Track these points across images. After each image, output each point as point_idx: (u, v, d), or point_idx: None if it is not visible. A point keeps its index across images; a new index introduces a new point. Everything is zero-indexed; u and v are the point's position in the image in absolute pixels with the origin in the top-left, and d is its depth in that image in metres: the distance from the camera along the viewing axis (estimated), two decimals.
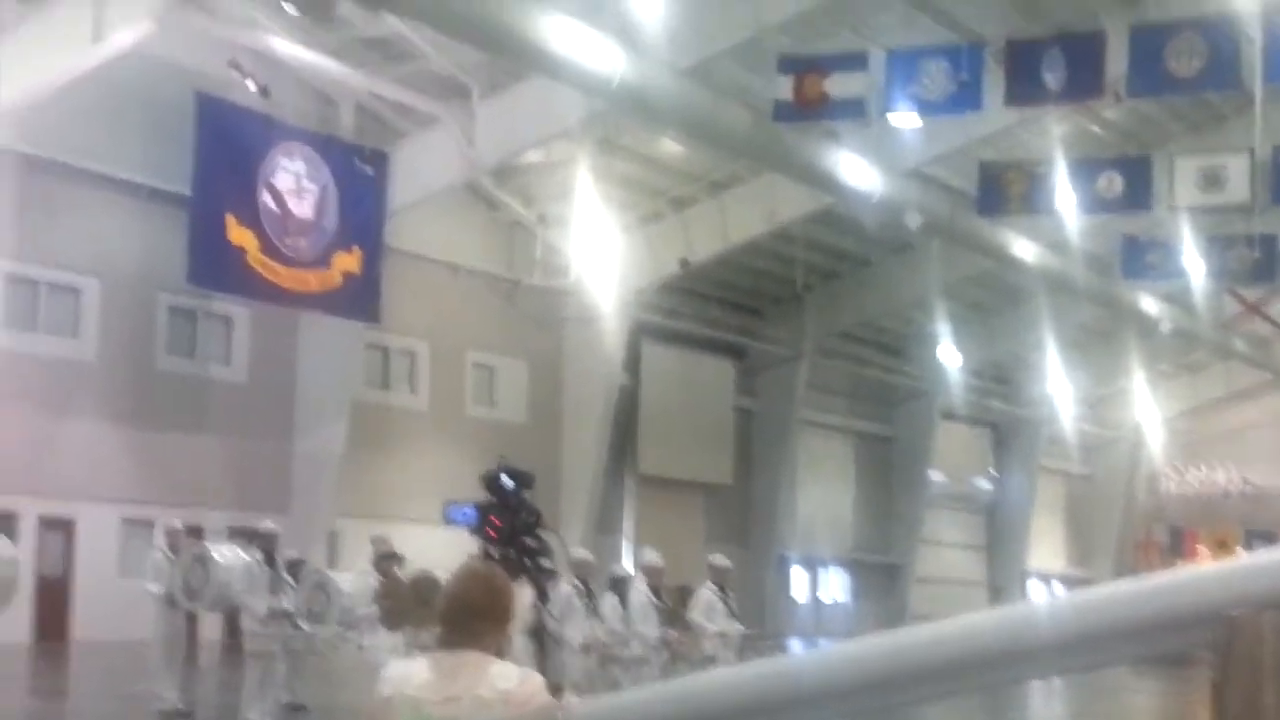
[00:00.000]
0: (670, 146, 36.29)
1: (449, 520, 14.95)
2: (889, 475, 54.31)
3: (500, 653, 4.55)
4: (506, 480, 12.70)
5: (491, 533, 12.40)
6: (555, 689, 4.53)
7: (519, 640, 13.32)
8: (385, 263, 32.97)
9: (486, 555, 12.33)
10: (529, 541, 12.40)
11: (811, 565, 50.89)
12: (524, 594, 13.69)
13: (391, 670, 4.68)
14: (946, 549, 57.36)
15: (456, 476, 35.42)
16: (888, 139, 32.85)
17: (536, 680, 4.48)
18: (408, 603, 15.94)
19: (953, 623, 2.00)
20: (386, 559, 16.05)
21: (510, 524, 12.35)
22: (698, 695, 2.09)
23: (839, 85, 27.71)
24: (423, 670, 4.52)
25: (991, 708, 20.88)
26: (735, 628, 17.35)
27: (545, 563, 12.70)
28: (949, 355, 48.00)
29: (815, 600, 50.98)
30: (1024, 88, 27.84)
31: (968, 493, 58.97)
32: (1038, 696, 24.49)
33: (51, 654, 27.25)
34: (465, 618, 4.55)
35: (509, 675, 4.45)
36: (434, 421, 37.07)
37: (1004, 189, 34.37)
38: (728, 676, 1.95)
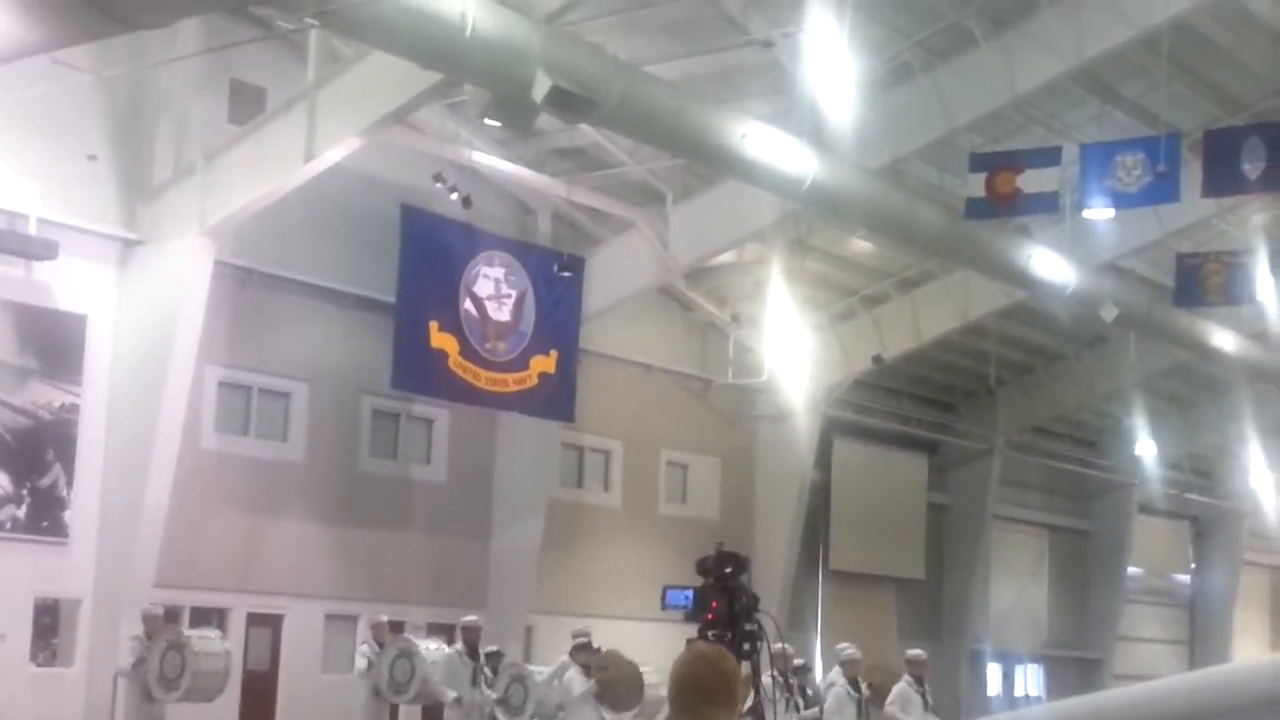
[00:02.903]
0: (861, 245, 36.39)
1: (666, 604, 15.14)
2: (1085, 569, 53.27)
3: None
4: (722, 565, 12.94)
5: (710, 616, 12.54)
6: None
7: None
8: (580, 364, 33.53)
9: (702, 639, 12.47)
10: (748, 625, 12.51)
11: (1006, 660, 50.00)
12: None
13: None
14: (1145, 645, 55.95)
15: (649, 573, 35.69)
16: (1081, 232, 32.61)
17: None
18: (627, 674, 16.21)
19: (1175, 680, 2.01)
20: (583, 650, 16.31)
21: (729, 607, 12.46)
22: None
23: (1032, 181, 27.76)
24: None
25: None
26: None
27: (762, 645, 12.86)
28: (1146, 448, 47.07)
29: (1010, 695, 50.06)
30: (1222, 178, 27.64)
31: (1167, 587, 57.50)
32: None
33: None
34: (695, 700, 4.57)
35: None
36: (627, 519, 37.38)
37: (1202, 280, 33.97)
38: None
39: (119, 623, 24.00)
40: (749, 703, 14.09)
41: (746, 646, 12.25)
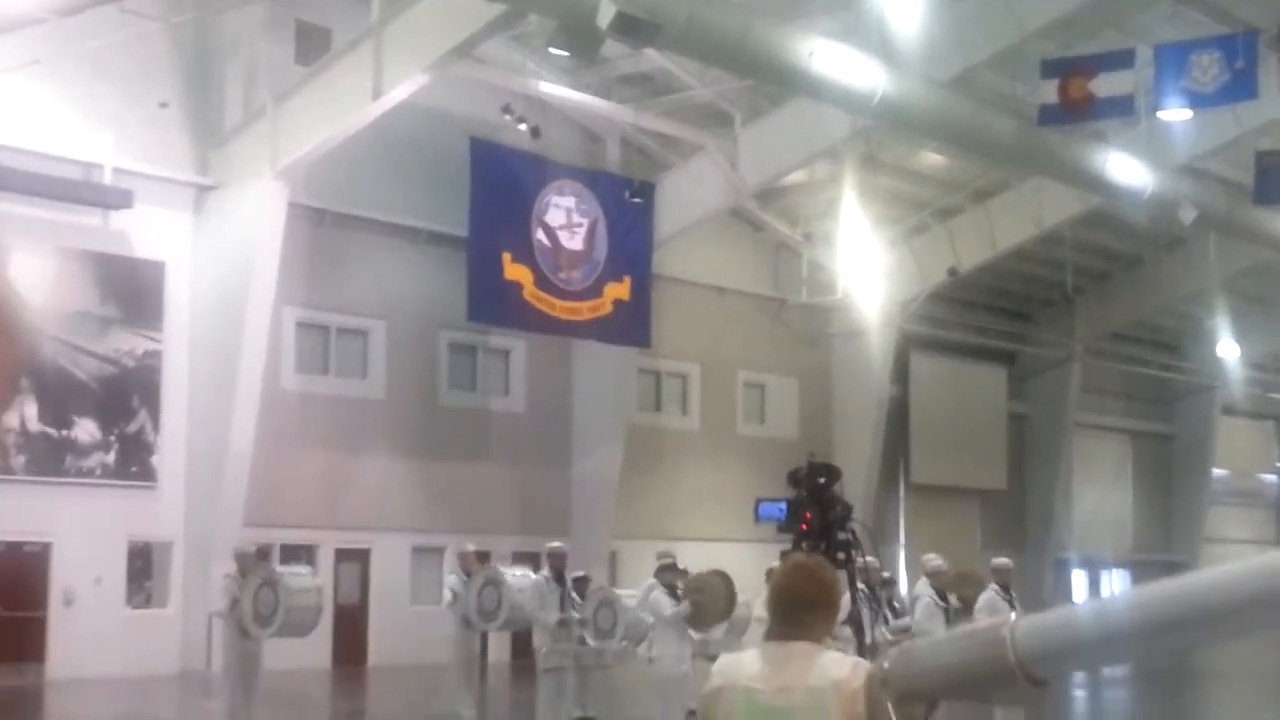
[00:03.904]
0: (933, 158, 36.05)
1: (760, 517, 15.15)
2: (1169, 474, 52.94)
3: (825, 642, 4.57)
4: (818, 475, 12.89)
5: (805, 527, 12.53)
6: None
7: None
8: (654, 289, 33.53)
9: (797, 549, 12.50)
10: (841, 535, 12.48)
11: (1092, 567, 49.83)
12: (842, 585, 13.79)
13: (722, 662, 4.77)
14: (1232, 546, 55.50)
15: (729, 495, 35.81)
16: (1157, 135, 32.13)
17: (867, 668, 4.43)
18: (720, 595, 16.30)
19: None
20: (668, 570, 16.36)
21: (822, 518, 12.43)
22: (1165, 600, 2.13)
23: (1105, 85, 27.34)
24: (753, 661, 4.59)
25: None
26: None
27: (857, 555, 12.84)
28: (1228, 349, 46.53)
29: None
30: None
31: (1253, 488, 56.99)
32: None
33: (351, 678, 28.36)
34: (795, 609, 4.57)
35: (841, 664, 4.48)
36: (706, 441, 37.47)
37: None
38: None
39: (210, 563, 24.38)
40: (846, 611, 14.13)
41: (841, 556, 12.23)
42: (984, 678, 2.29)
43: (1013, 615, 2.31)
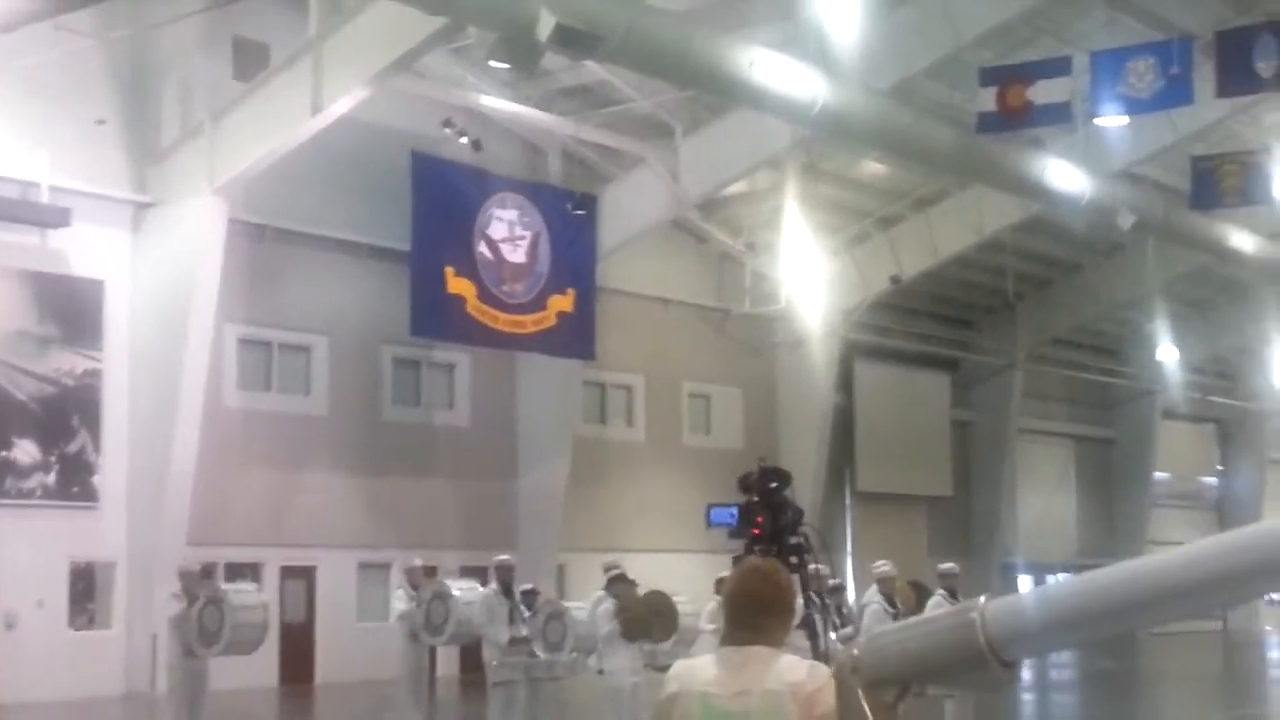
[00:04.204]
0: (874, 167, 36.21)
1: (711, 523, 15.13)
2: (1111, 478, 53.37)
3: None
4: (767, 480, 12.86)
5: (756, 531, 12.50)
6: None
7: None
8: (598, 301, 33.51)
9: (749, 553, 12.46)
10: (793, 539, 12.46)
11: (1036, 571, 50.09)
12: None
13: (677, 668, 4.69)
14: (1175, 548, 55.93)
15: (676, 506, 35.82)
16: (1094, 141, 32.42)
17: (824, 672, 4.35)
18: (644, 614, 16.29)
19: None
20: (618, 581, 16.31)
21: (774, 523, 12.42)
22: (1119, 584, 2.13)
23: (1043, 92, 27.57)
24: (709, 666, 4.53)
25: None
26: None
27: (809, 560, 12.81)
28: (1168, 354, 46.96)
29: None
30: (1236, 78, 27.44)
31: (1194, 491, 57.52)
32: None
33: (299, 695, 28.17)
34: (751, 613, 4.53)
35: (797, 668, 4.42)
36: (652, 453, 37.46)
37: (1218, 182, 33.77)
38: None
39: (154, 583, 24.13)
40: (799, 616, 14.12)
41: (794, 560, 12.22)
42: (955, 661, 2.27)
43: (982, 599, 2.29)
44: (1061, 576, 50.20)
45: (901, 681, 2.33)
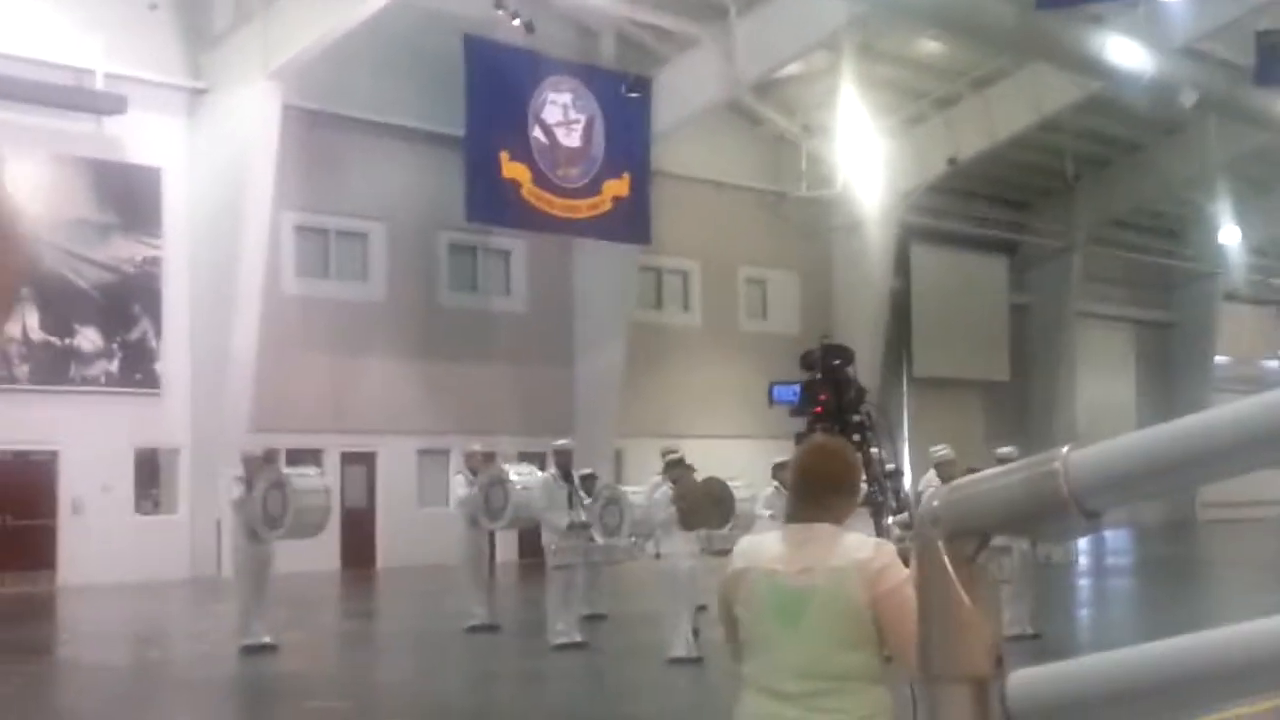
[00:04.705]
0: (930, 46, 35.68)
1: (774, 400, 15.08)
2: (1172, 361, 52.94)
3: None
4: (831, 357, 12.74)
5: (819, 409, 12.44)
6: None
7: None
8: (653, 185, 33.34)
9: (811, 431, 12.40)
10: (856, 417, 12.40)
11: None
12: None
13: (744, 544, 4.70)
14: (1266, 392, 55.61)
15: (733, 391, 35.86)
16: (1156, 17, 31.81)
17: (889, 549, 4.42)
18: (702, 502, 16.36)
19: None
20: (676, 466, 16.34)
21: (837, 400, 12.36)
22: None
23: None
24: (775, 543, 4.53)
25: None
26: None
27: (872, 437, 12.75)
28: (1230, 235, 46.39)
29: None
30: None
31: (1256, 374, 56.99)
32: None
33: (361, 580, 28.52)
34: (817, 491, 4.52)
35: (863, 545, 4.43)
36: (708, 338, 37.45)
37: None
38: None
39: (217, 469, 24.41)
40: (862, 494, 14.10)
41: (856, 438, 12.18)
42: (1036, 511, 2.24)
43: (1065, 448, 2.27)
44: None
45: (981, 533, 2.31)
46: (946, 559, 2.22)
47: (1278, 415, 2.17)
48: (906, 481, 26.12)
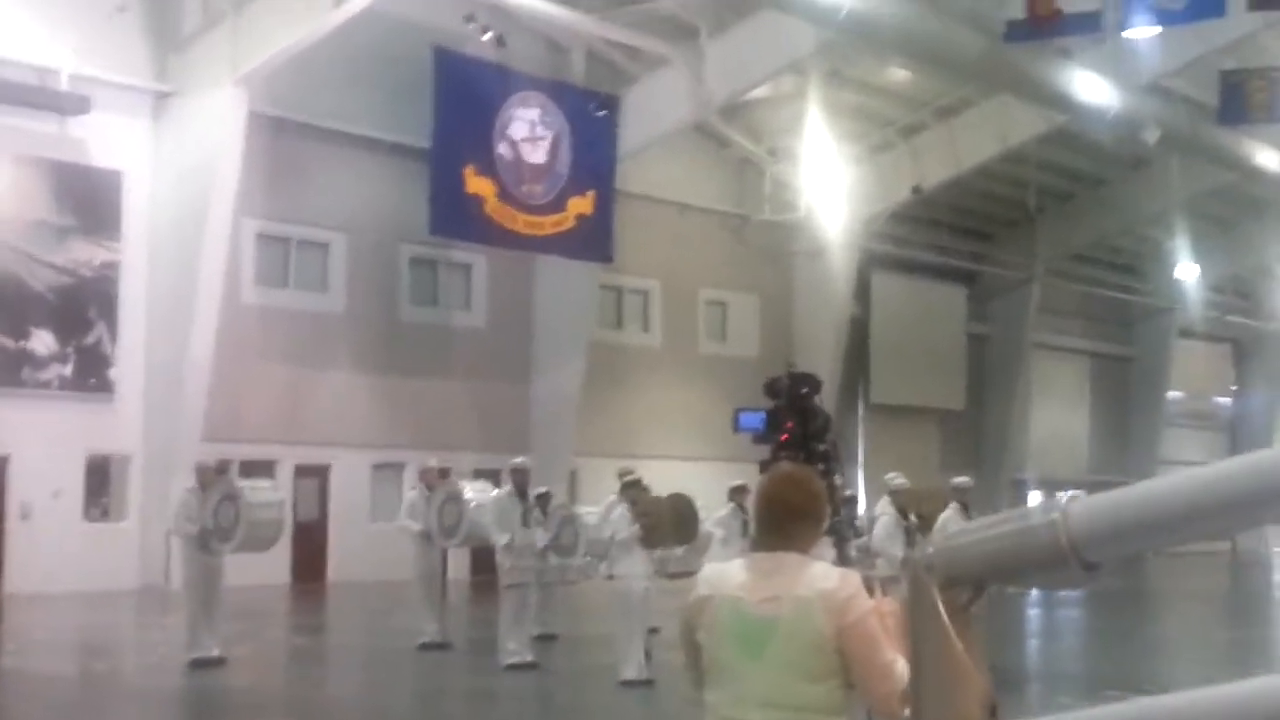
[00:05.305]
0: (898, 74, 35.79)
1: (739, 427, 15.05)
2: (1126, 395, 53.31)
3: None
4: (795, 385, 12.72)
5: (785, 437, 12.43)
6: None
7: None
8: (617, 204, 33.30)
9: (776, 459, 12.35)
10: (820, 446, 12.40)
11: (1047, 487, 50.18)
12: None
13: (708, 571, 4.67)
14: (1186, 468, 55.87)
15: (691, 412, 35.85)
16: (1123, 53, 31.95)
17: (855, 579, 4.39)
18: (667, 518, 16.30)
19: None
20: (632, 487, 16.27)
21: (803, 428, 12.37)
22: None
23: (1072, 1, 27.17)
24: (739, 571, 4.50)
25: None
26: None
27: (835, 465, 12.74)
28: (1187, 271, 46.72)
29: None
30: None
31: (1208, 410, 57.47)
32: None
33: (311, 594, 28.30)
34: (783, 519, 4.49)
35: (829, 575, 4.40)
36: (668, 359, 37.41)
37: (1247, 98, 33.34)
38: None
39: (169, 477, 24.18)
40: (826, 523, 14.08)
41: (821, 467, 12.17)
42: (1034, 562, 2.19)
43: (1063, 498, 2.21)
44: (1074, 492, 50.44)
45: (977, 582, 2.25)
46: (940, 606, 2.16)
47: (1277, 472, 2.13)
48: (860, 507, 26.16)
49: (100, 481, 27.37)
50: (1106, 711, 2.18)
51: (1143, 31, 28.73)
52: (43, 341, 26.19)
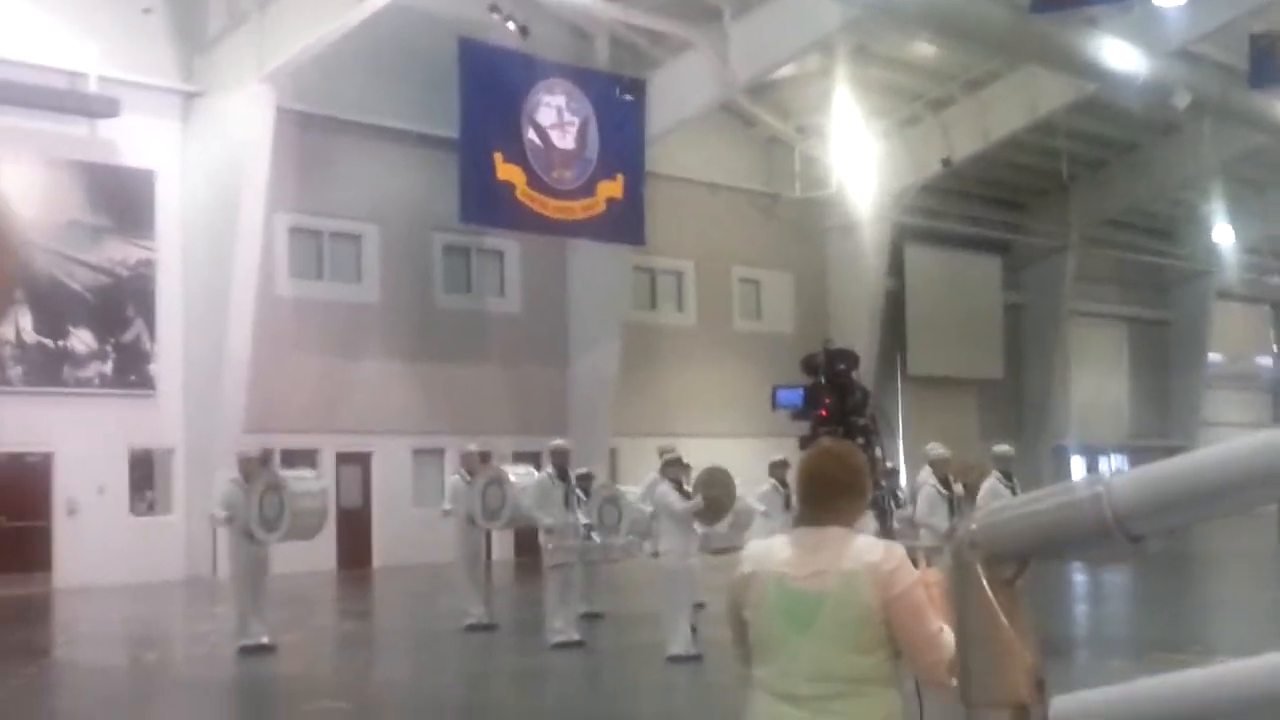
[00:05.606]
0: (925, 48, 35.66)
1: (777, 404, 15.00)
2: (1165, 359, 53.12)
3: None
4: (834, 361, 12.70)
5: (824, 413, 12.42)
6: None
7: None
8: (647, 187, 33.31)
9: (815, 435, 12.35)
10: (860, 421, 12.40)
11: (1089, 453, 50.07)
12: None
13: (752, 548, 4.70)
14: (1229, 429, 55.80)
15: (728, 390, 35.87)
16: (1151, 19, 31.80)
17: (900, 551, 4.42)
18: (729, 491, 16.38)
19: None
20: (673, 465, 16.31)
21: (841, 404, 12.36)
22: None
23: None
24: (784, 547, 4.53)
25: None
26: None
27: (876, 439, 12.74)
28: (1223, 234, 46.46)
29: None
30: None
31: (1248, 371, 57.19)
32: None
33: (357, 579, 28.49)
34: (825, 494, 4.53)
35: (874, 548, 4.42)
36: (703, 338, 37.45)
37: (1277, 60, 33.13)
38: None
39: (212, 469, 24.38)
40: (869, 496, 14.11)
41: (861, 441, 12.19)
42: (1079, 536, 2.23)
43: (1107, 473, 2.26)
44: (1114, 459, 50.33)
45: (1021, 557, 2.29)
46: (985, 582, 2.20)
47: None
48: (902, 479, 26.14)
49: (144, 476, 27.62)
50: (1151, 684, 2.22)
51: None
52: (82, 340, 26.43)
